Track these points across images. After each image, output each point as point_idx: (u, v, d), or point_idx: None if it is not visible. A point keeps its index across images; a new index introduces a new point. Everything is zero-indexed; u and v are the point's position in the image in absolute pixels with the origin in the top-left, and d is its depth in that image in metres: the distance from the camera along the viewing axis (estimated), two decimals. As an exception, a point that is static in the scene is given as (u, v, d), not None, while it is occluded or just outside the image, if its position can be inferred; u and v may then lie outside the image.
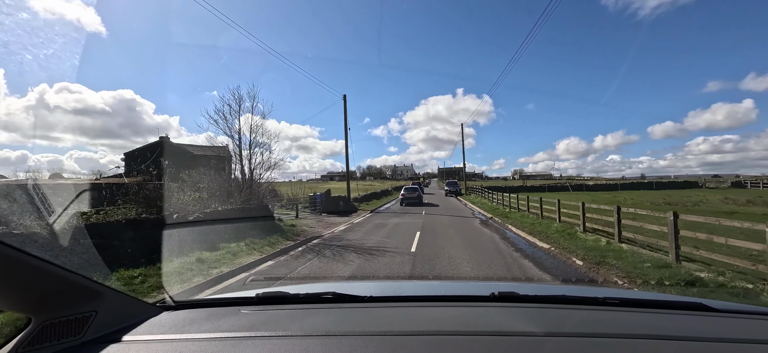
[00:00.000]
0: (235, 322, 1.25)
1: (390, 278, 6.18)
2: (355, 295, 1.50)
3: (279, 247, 8.88)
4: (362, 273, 6.42)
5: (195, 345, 1.04)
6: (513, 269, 6.69)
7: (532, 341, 1.05)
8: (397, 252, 8.22)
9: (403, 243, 9.45)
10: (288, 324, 1.21)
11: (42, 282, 0.97)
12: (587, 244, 8.71)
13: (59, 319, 1.01)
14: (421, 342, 1.04)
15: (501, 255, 7.89)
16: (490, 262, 7.15)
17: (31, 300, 0.97)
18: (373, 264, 7.07)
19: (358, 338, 1.07)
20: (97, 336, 1.08)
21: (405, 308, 1.41)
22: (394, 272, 6.49)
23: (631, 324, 1.25)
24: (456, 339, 1.06)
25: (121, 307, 1.21)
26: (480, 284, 2.09)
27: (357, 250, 8.62)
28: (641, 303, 1.49)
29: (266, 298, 1.50)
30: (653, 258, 6.91)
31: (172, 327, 1.20)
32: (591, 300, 1.49)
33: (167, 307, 1.41)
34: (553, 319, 1.26)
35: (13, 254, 0.86)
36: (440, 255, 7.86)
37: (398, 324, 1.21)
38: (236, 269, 6.63)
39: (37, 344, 0.97)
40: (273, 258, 7.99)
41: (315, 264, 7.30)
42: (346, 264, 7.17)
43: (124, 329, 1.16)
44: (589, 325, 1.23)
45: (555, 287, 1.64)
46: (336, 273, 6.48)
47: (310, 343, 1.04)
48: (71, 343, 1.02)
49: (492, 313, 1.33)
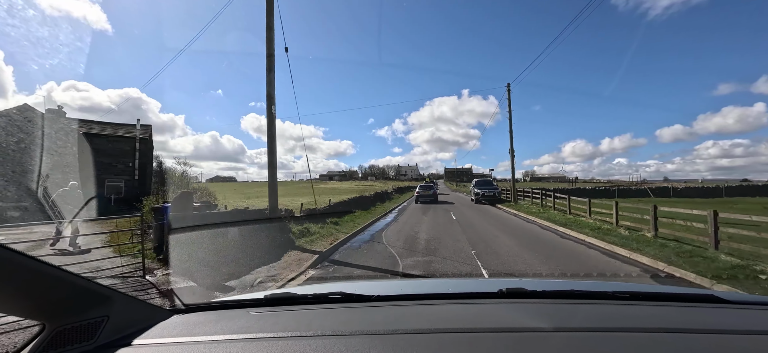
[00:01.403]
0: (245, 324, 1.26)
1: (397, 277, 6.16)
2: (362, 295, 1.51)
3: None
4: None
5: (205, 348, 1.05)
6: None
7: (542, 336, 1.04)
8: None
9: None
10: (297, 325, 1.22)
11: (55, 289, 0.98)
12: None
13: (72, 325, 1.03)
14: (429, 340, 1.04)
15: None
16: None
17: (45, 307, 0.99)
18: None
19: (367, 337, 1.07)
20: (109, 341, 1.09)
21: (412, 306, 1.41)
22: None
23: (642, 317, 1.24)
24: (464, 336, 1.06)
25: (131, 311, 1.22)
26: (487, 281, 2.09)
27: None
28: (651, 296, 1.47)
29: (274, 300, 1.51)
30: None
31: (183, 330, 1.21)
32: (600, 294, 1.48)
33: (177, 310, 1.43)
34: (562, 314, 1.25)
35: (28, 263, 0.88)
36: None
37: (406, 322, 1.21)
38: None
39: (51, 350, 0.98)
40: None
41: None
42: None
43: (136, 333, 1.17)
44: (599, 319, 1.22)
45: (563, 281, 1.64)
46: None
47: (318, 343, 1.04)
48: (84, 348, 1.04)
49: (500, 310, 1.32)
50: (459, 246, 9.29)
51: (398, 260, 7.87)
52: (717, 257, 7.20)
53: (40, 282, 0.94)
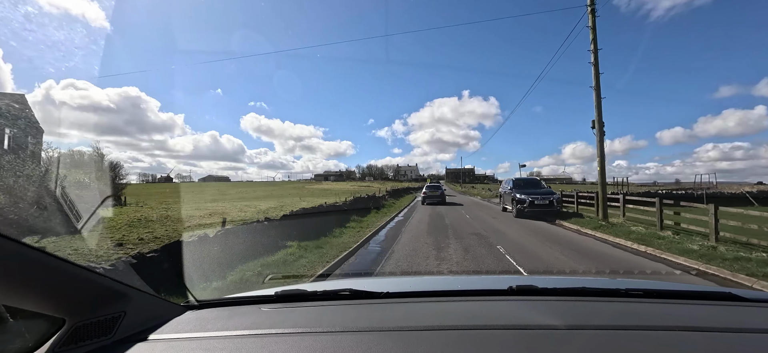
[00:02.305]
0: (256, 320, 1.28)
1: (406, 274, 6.15)
2: (371, 292, 1.51)
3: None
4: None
5: (219, 343, 1.07)
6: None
7: (554, 334, 1.03)
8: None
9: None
10: (307, 321, 1.24)
11: (77, 286, 1.01)
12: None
13: (91, 320, 1.06)
14: (438, 337, 1.04)
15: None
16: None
17: (66, 302, 1.02)
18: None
19: (376, 333, 1.08)
20: (127, 336, 1.12)
21: (421, 303, 1.41)
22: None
23: (657, 315, 1.21)
24: (473, 334, 1.06)
25: (147, 307, 1.25)
26: (497, 278, 2.07)
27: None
28: (667, 294, 1.44)
29: (285, 296, 1.53)
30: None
31: (197, 326, 1.23)
32: (613, 291, 1.46)
33: (191, 306, 1.46)
34: (574, 312, 1.24)
35: (52, 261, 0.91)
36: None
37: (415, 319, 1.21)
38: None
39: (71, 344, 1.01)
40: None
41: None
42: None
43: (152, 328, 1.19)
44: (613, 317, 1.20)
45: (575, 279, 1.63)
46: None
47: (329, 339, 1.06)
48: (102, 343, 1.06)
49: (510, 307, 1.31)
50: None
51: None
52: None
53: (64, 280, 0.97)
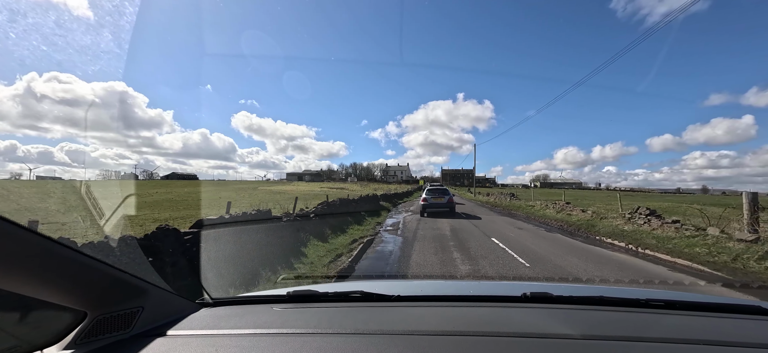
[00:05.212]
0: (269, 319, 1.29)
1: (418, 277, 6.12)
2: (383, 294, 1.51)
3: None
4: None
5: (232, 340, 1.09)
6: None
7: (569, 344, 1.01)
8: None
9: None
10: (318, 322, 1.24)
11: (98, 280, 1.05)
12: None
13: (111, 314, 1.09)
14: (449, 342, 1.03)
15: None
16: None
17: (88, 296, 1.05)
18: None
19: (387, 336, 1.08)
20: (144, 330, 1.15)
21: (433, 308, 1.40)
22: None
23: (679, 328, 1.17)
24: (485, 340, 1.04)
25: (164, 303, 1.28)
26: (511, 284, 2.03)
27: None
28: (690, 305, 1.39)
29: (297, 296, 1.54)
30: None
31: (211, 323, 1.26)
32: (632, 302, 1.41)
33: (206, 304, 1.49)
34: (590, 321, 1.21)
35: (76, 256, 0.94)
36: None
37: (426, 323, 1.21)
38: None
39: (92, 336, 1.05)
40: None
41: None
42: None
43: (168, 324, 1.22)
44: (632, 328, 1.16)
45: (592, 287, 1.61)
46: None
47: (340, 340, 1.06)
48: (121, 336, 1.10)
49: (524, 314, 1.29)
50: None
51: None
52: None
53: (88, 274, 1.01)
